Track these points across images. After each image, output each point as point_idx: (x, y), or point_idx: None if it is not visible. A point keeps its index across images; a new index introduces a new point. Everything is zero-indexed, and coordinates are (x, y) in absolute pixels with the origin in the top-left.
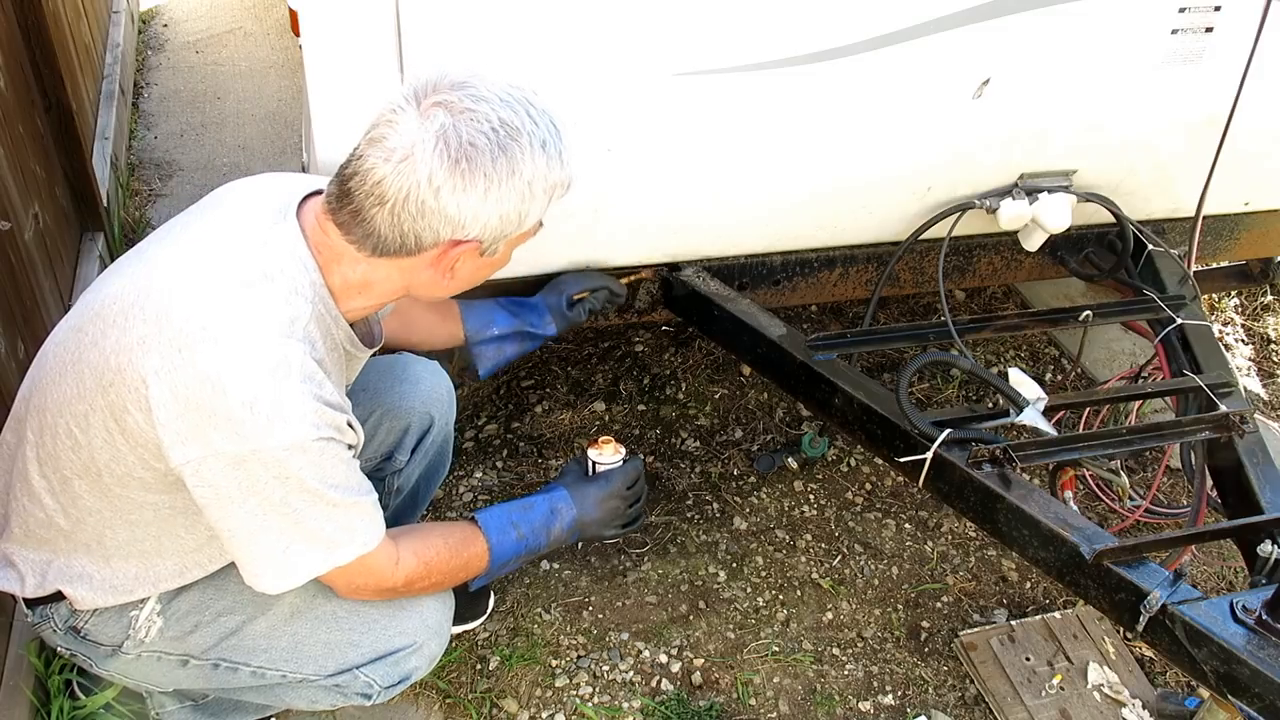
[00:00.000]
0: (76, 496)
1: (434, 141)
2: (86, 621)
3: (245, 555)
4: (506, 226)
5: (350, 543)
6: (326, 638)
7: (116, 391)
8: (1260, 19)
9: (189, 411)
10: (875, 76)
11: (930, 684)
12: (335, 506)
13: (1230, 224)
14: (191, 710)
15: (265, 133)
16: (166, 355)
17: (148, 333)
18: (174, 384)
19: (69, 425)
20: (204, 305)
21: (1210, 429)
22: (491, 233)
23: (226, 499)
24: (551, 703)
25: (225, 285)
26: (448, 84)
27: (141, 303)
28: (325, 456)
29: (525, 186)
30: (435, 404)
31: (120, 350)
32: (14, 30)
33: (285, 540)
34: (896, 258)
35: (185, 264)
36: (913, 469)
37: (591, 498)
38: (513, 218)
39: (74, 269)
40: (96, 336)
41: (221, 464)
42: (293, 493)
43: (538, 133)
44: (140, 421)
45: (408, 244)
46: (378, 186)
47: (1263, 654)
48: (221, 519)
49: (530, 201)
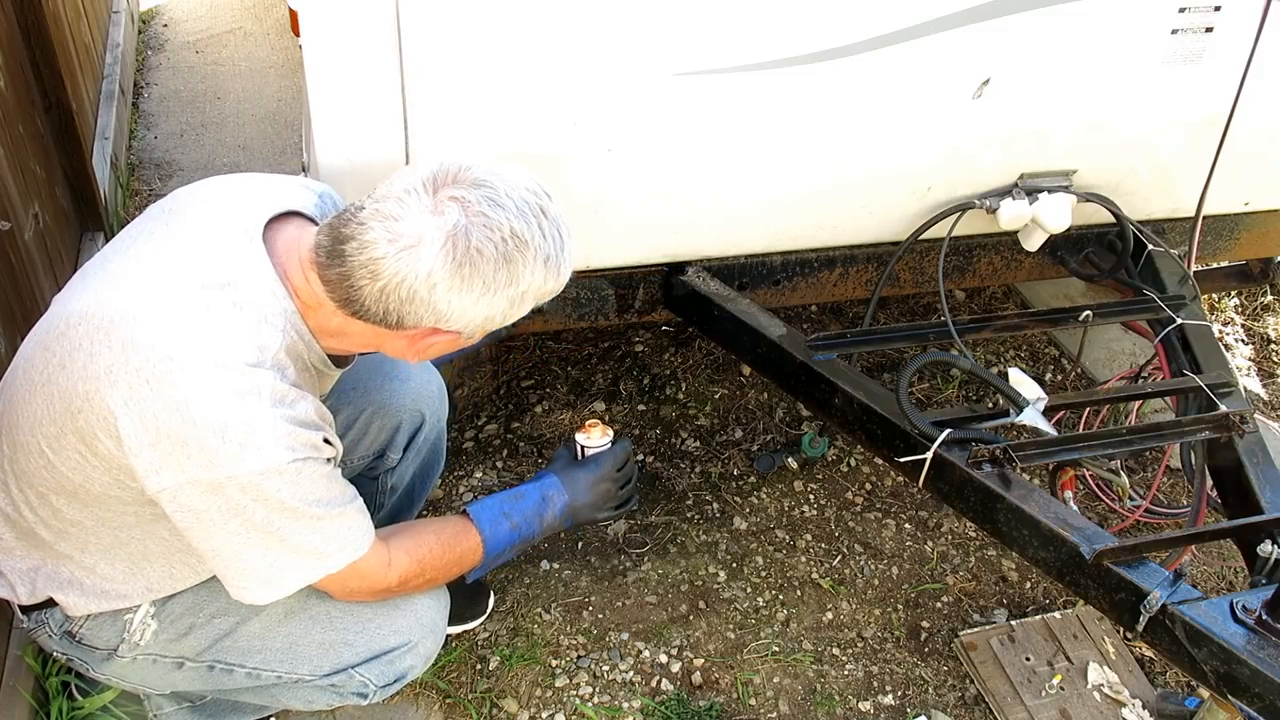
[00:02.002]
0: (56, 510)
1: (443, 240)
2: (81, 626)
3: (231, 573)
4: (489, 325)
5: (339, 551)
6: (321, 638)
7: (85, 419)
8: (1260, 19)
9: (160, 441)
10: (875, 77)
11: (930, 684)
12: (319, 520)
13: (1230, 224)
14: (189, 711)
15: (265, 133)
16: (135, 386)
17: (114, 361)
18: (143, 415)
19: (40, 445)
20: (170, 334)
21: (1210, 429)
22: (473, 328)
23: (208, 522)
24: (551, 703)
25: (191, 313)
26: (469, 180)
27: (106, 328)
28: (303, 476)
29: (519, 295)
30: (426, 401)
31: (87, 378)
32: (14, 30)
33: (270, 556)
34: (896, 258)
35: (149, 286)
36: (913, 469)
37: (582, 482)
38: (497, 319)
39: (74, 269)
40: (64, 358)
41: (198, 491)
42: (274, 512)
43: (544, 247)
44: (112, 449)
45: (389, 320)
46: (374, 263)
47: (1263, 654)
48: (204, 540)
49: (519, 307)
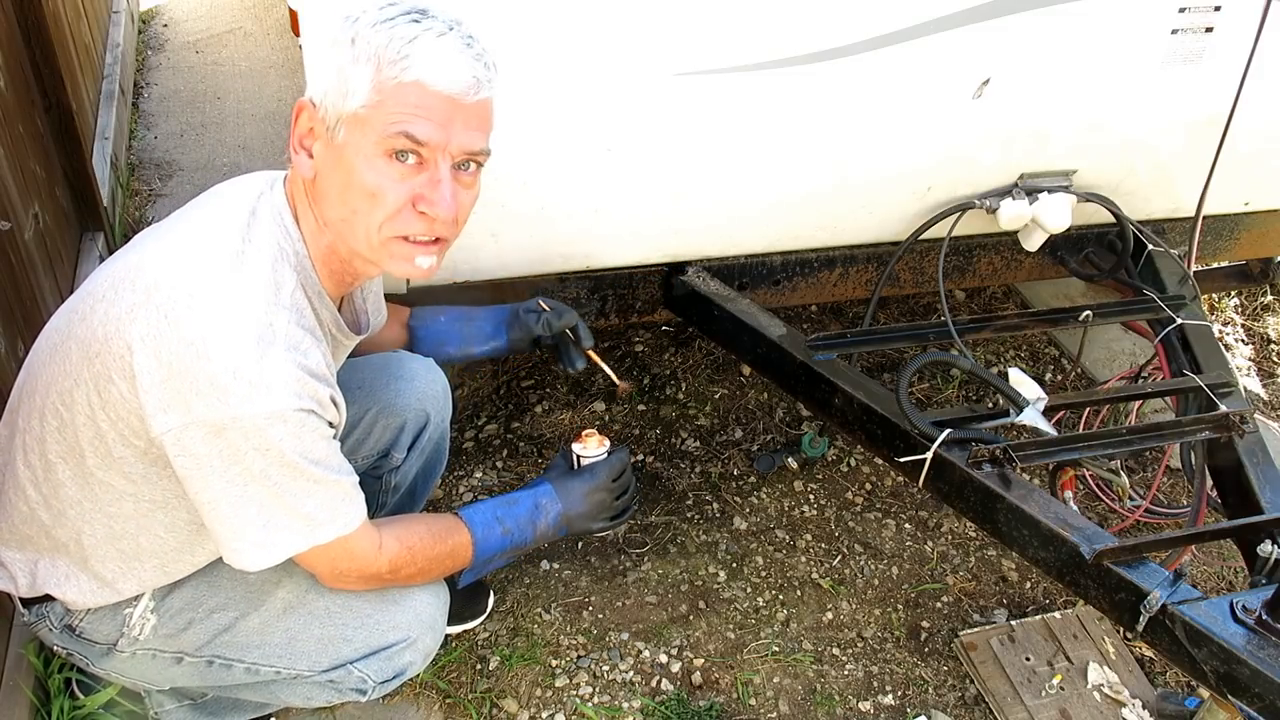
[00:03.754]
0: (59, 485)
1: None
2: (81, 620)
3: (226, 529)
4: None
5: (331, 522)
6: (320, 633)
7: (102, 361)
8: (1260, 19)
9: (172, 377)
10: (875, 76)
11: (930, 684)
12: (316, 483)
13: (1230, 224)
14: (190, 709)
15: (265, 133)
16: (153, 321)
17: (136, 301)
18: (158, 349)
19: (55, 404)
20: (192, 274)
21: (1210, 429)
22: (323, 95)
23: (208, 468)
24: (551, 703)
25: (214, 255)
26: None
27: (132, 277)
28: (305, 429)
29: (359, 53)
30: (430, 400)
31: (108, 320)
32: (14, 30)
33: (266, 514)
34: (896, 258)
35: (177, 242)
36: (913, 469)
37: (576, 491)
38: (337, 83)
39: (74, 269)
40: (85, 312)
41: (202, 432)
42: (273, 465)
43: (390, 13)
44: (124, 391)
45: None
46: None
47: (1263, 654)
48: (202, 490)
49: (355, 67)
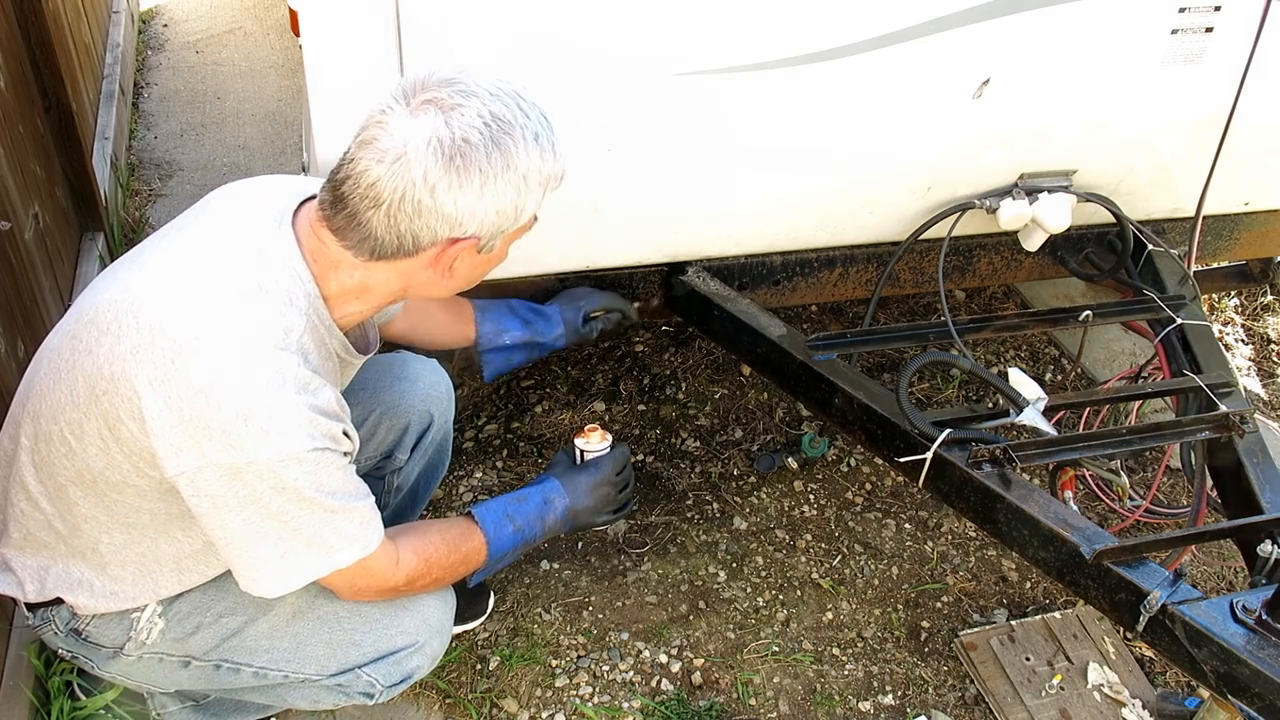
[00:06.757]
0: (72, 503)
1: (427, 139)
2: (88, 624)
3: (244, 562)
4: (503, 221)
5: (349, 547)
6: (328, 637)
7: (110, 400)
8: (1260, 19)
9: (183, 423)
10: (875, 76)
11: (930, 684)
12: (333, 513)
13: (1230, 224)
14: (193, 710)
15: (265, 133)
16: (160, 366)
17: (141, 342)
18: (167, 395)
19: (63, 432)
20: (198, 316)
21: (1210, 429)
22: (489, 229)
23: (224, 508)
24: (551, 703)
25: (220, 296)
26: (435, 81)
27: (135, 311)
28: (321, 466)
29: (520, 180)
30: (434, 402)
31: (114, 359)
32: (14, 30)
33: (283, 547)
34: (896, 258)
35: (180, 272)
36: (913, 469)
37: (582, 485)
38: (509, 212)
39: (74, 269)
40: (90, 344)
41: (217, 474)
42: (290, 502)
43: (530, 125)
44: (134, 431)
45: (405, 245)
46: (372, 189)
47: (1263, 654)
48: (217, 527)
49: (525, 195)
